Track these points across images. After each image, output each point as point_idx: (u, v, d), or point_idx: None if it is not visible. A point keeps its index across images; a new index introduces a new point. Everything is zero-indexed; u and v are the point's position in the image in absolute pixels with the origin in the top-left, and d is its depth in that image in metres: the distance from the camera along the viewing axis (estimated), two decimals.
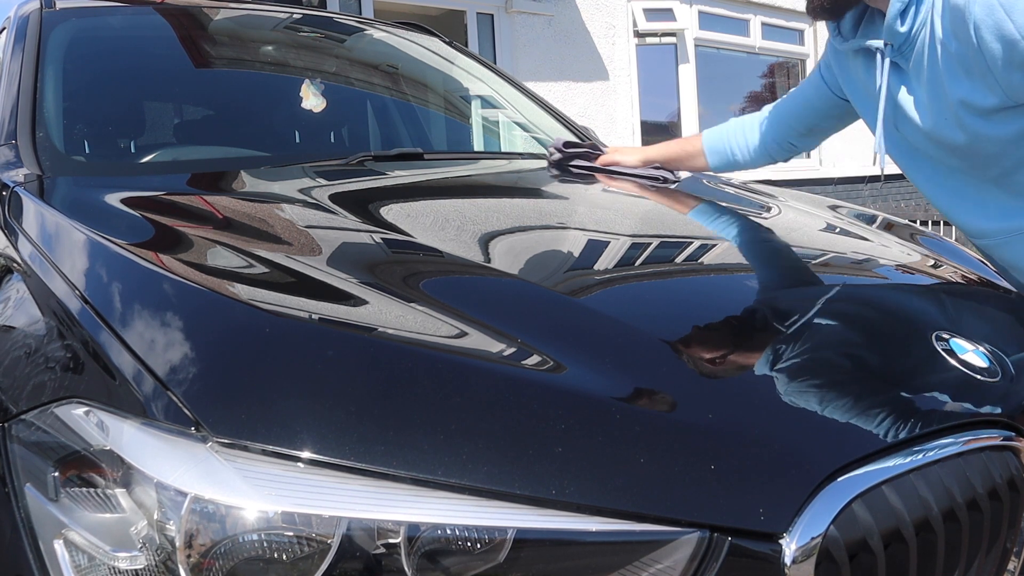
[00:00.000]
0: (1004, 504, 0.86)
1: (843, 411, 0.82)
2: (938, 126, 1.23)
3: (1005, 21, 1.07)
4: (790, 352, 0.93)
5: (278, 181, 1.52)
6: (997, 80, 1.13)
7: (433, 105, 2.59)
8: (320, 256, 1.05)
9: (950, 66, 1.18)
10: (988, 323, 1.12)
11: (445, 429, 0.71)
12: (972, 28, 1.11)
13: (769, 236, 1.45)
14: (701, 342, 0.93)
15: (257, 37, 2.26)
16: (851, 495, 0.75)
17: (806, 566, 0.71)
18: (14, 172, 1.40)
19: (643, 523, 0.69)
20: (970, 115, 1.18)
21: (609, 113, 6.54)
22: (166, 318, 0.83)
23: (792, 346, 0.95)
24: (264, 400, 0.72)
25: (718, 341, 0.94)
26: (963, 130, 1.20)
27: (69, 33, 1.85)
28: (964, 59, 1.15)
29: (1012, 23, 1.07)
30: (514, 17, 6.11)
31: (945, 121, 1.22)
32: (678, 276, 1.17)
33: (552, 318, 0.93)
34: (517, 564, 0.67)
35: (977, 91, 1.16)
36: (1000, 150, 1.20)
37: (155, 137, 2.02)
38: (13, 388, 0.87)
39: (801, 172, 7.35)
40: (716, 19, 7.38)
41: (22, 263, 1.07)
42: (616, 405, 0.78)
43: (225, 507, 0.66)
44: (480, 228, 1.26)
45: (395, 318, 0.87)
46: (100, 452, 0.74)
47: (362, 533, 0.66)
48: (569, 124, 2.46)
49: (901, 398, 0.88)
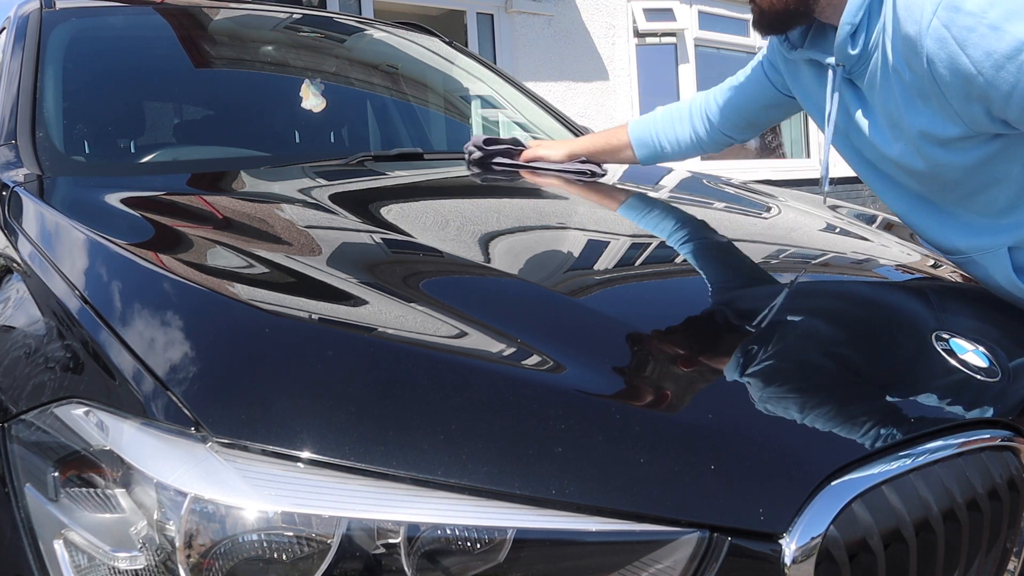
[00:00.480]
0: (1004, 504, 0.86)
1: (843, 411, 0.82)
2: (896, 152, 1.18)
3: (959, 55, 1.00)
4: (791, 352, 0.93)
5: (278, 181, 1.52)
6: (956, 112, 1.07)
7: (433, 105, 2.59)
8: (320, 256, 1.05)
9: (907, 95, 1.12)
10: (988, 323, 1.12)
11: (445, 429, 0.71)
12: (925, 61, 1.04)
13: (769, 237, 1.45)
14: (701, 342, 0.93)
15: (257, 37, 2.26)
16: (851, 495, 0.74)
17: (806, 566, 0.71)
18: (14, 172, 1.40)
19: (643, 523, 0.69)
20: (930, 144, 1.12)
21: (609, 113, 6.54)
22: (166, 318, 0.83)
23: (793, 346, 0.95)
24: (264, 400, 0.72)
25: (718, 341, 0.94)
26: (923, 158, 1.15)
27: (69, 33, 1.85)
28: (920, 89, 1.09)
29: (967, 57, 1.00)
30: (514, 17, 6.11)
31: (904, 148, 1.17)
32: (678, 276, 1.17)
33: (552, 318, 0.93)
34: (517, 564, 0.67)
35: (937, 121, 1.10)
36: (961, 176, 1.14)
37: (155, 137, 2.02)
38: (13, 388, 0.87)
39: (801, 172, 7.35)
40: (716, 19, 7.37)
41: (22, 263, 1.07)
42: (616, 405, 0.78)
43: (225, 507, 0.66)
44: (480, 228, 1.26)
45: (395, 318, 0.87)
46: (100, 452, 0.74)
47: (362, 533, 0.66)
48: (569, 124, 2.46)
49: (901, 398, 0.88)
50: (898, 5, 1.07)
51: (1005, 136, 1.08)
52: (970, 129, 1.08)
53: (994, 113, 1.03)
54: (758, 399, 0.82)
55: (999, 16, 0.96)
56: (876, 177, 1.28)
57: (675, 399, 0.81)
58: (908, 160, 1.18)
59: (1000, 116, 1.03)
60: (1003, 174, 1.12)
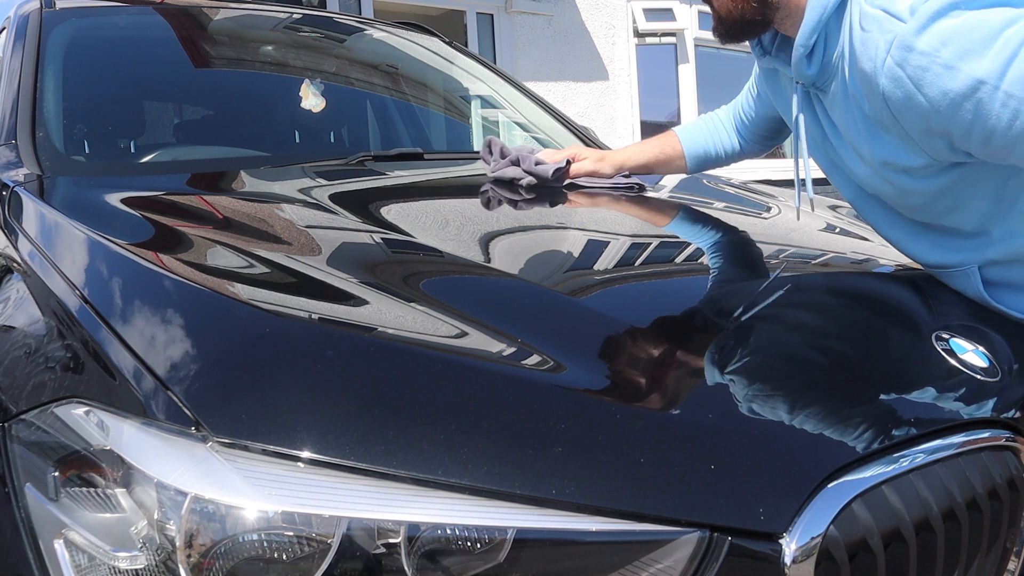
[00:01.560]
0: (1004, 504, 0.86)
1: (842, 411, 0.82)
2: (863, 174, 1.17)
3: (916, 95, 0.98)
4: (791, 352, 0.93)
5: (278, 181, 1.52)
6: (917, 144, 1.05)
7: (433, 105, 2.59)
8: (320, 256, 1.05)
9: (868, 125, 1.10)
10: (988, 323, 1.12)
11: (445, 429, 0.71)
12: (882, 98, 1.02)
13: (769, 237, 1.45)
14: (701, 342, 0.93)
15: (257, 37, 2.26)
16: (851, 495, 0.75)
17: (806, 566, 0.71)
18: (14, 172, 1.40)
19: (643, 523, 0.69)
20: (893, 172, 1.11)
21: (609, 113, 6.54)
22: (166, 318, 0.83)
23: (793, 346, 0.95)
24: (264, 400, 0.72)
25: (718, 341, 0.94)
26: (888, 183, 1.13)
27: (69, 33, 1.85)
28: (880, 121, 1.07)
29: (923, 96, 0.97)
30: (514, 17, 6.11)
31: (868, 172, 1.15)
32: (678, 276, 1.17)
33: (552, 318, 0.93)
34: (517, 564, 0.67)
35: (899, 151, 1.08)
36: (928, 200, 1.13)
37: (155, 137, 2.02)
38: (13, 388, 0.87)
39: None
40: None
41: (22, 263, 1.07)
42: (616, 405, 0.78)
43: (225, 507, 0.66)
44: (480, 228, 1.26)
45: (395, 318, 0.87)
46: (100, 452, 0.74)
47: (362, 533, 0.66)
48: (569, 124, 2.46)
49: (901, 398, 0.88)
50: (854, 39, 1.05)
51: (968, 163, 1.06)
52: (933, 159, 1.06)
53: (956, 146, 1.02)
54: (757, 399, 0.82)
55: (952, 55, 0.94)
56: (850, 189, 1.26)
57: (675, 398, 0.81)
58: (874, 183, 1.17)
59: (963, 148, 1.01)
60: (969, 196, 1.10)
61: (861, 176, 1.18)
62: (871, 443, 0.79)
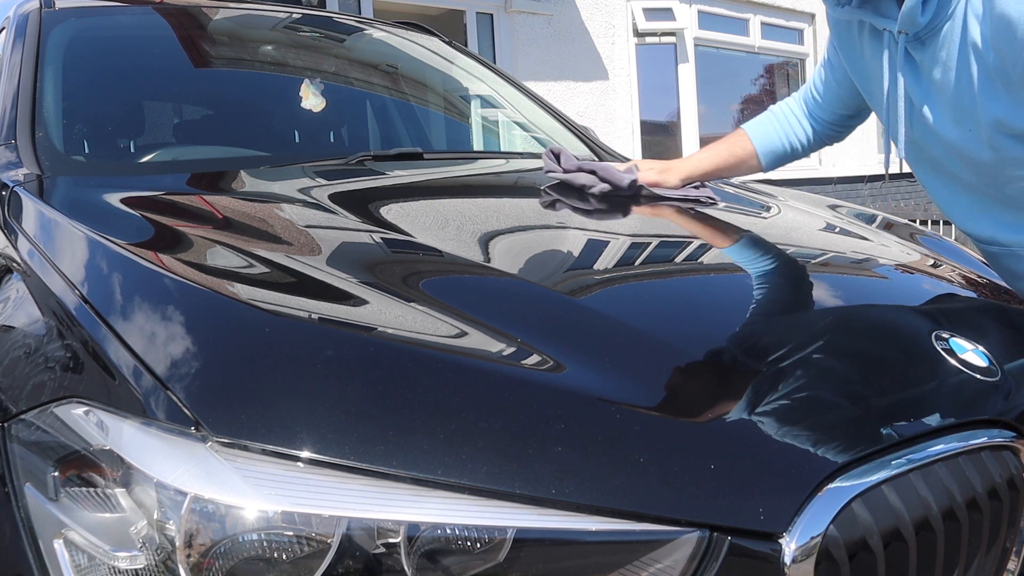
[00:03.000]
0: (1004, 504, 0.86)
1: (842, 411, 0.82)
2: (956, 136, 1.08)
3: None
4: (790, 352, 0.93)
5: (278, 181, 1.52)
6: None
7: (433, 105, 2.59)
8: (320, 256, 1.05)
9: (986, 80, 1.01)
10: (988, 323, 1.12)
11: (445, 429, 0.71)
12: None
13: (769, 237, 1.45)
14: (701, 342, 0.93)
15: (257, 37, 2.25)
16: (851, 495, 0.75)
17: (806, 566, 0.71)
18: (14, 172, 1.40)
19: (643, 523, 0.69)
20: (1004, 136, 1.03)
21: (609, 113, 6.54)
22: (166, 318, 0.83)
23: (792, 346, 0.95)
24: (264, 400, 0.72)
25: (718, 341, 0.94)
26: (993, 150, 1.05)
27: (69, 33, 1.85)
28: (1005, 74, 0.98)
29: None
30: (514, 17, 6.11)
31: (972, 136, 1.06)
32: (678, 277, 1.17)
33: (552, 318, 0.93)
34: (517, 564, 0.67)
35: (1018, 110, 1.00)
36: None
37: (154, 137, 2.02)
38: (13, 388, 0.87)
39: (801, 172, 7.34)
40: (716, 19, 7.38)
41: (22, 263, 1.07)
42: (616, 405, 0.78)
43: (225, 507, 0.66)
44: (480, 228, 1.26)
45: (395, 318, 0.87)
46: (100, 452, 0.74)
47: (362, 533, 0.66)
48: (569, 124, 2.46)
49: (900, 398, 0.88)
50: None
51: None
52: None
53: None
54: (757, 399, 0.82)
55: None
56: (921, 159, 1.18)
57: (675, 399, 0.81)
58: (970, 147, 1.08)
59: None
60: None
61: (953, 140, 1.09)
62: (871, 443, 0.79)
